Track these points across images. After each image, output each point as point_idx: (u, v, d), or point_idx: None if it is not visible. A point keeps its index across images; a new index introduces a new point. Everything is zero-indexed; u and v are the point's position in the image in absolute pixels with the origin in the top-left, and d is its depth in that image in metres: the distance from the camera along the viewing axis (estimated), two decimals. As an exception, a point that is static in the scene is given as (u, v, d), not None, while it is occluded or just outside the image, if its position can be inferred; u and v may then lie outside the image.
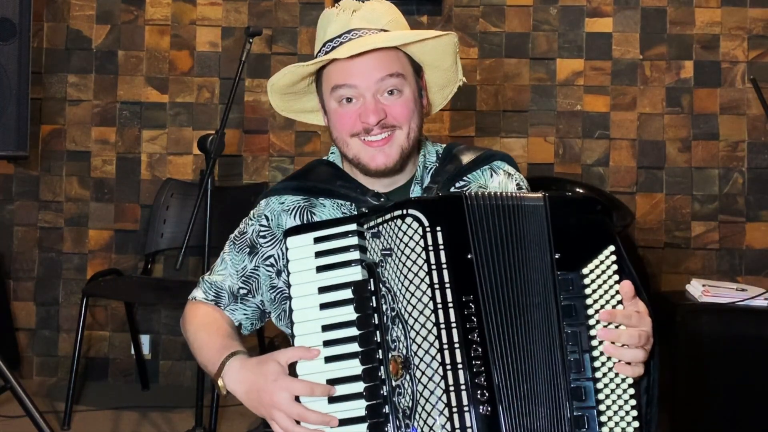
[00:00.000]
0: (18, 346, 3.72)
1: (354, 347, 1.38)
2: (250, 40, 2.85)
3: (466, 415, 1.28)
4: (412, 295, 1.33)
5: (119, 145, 3.75)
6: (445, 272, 1.33)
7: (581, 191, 3.60)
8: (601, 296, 1.35)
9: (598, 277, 1.36)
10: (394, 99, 1.55)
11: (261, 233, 1.65)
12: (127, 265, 3.73)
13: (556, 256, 1.36)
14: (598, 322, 1.34)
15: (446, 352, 1.30)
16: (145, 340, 3.72)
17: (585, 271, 1.36)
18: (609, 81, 3.69)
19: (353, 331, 1.39)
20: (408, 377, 1.32)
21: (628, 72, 3.69)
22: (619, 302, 1.36)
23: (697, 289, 3.09)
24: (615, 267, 1.37)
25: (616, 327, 1.34)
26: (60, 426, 3.18)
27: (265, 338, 3.51)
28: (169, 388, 3.69)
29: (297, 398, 1.39)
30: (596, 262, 1.36)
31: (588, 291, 1.35)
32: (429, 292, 1.32)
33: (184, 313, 1.68)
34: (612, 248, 1.37)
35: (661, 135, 3.69)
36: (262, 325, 1.70)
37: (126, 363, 3.75)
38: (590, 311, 1.34)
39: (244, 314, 1.67)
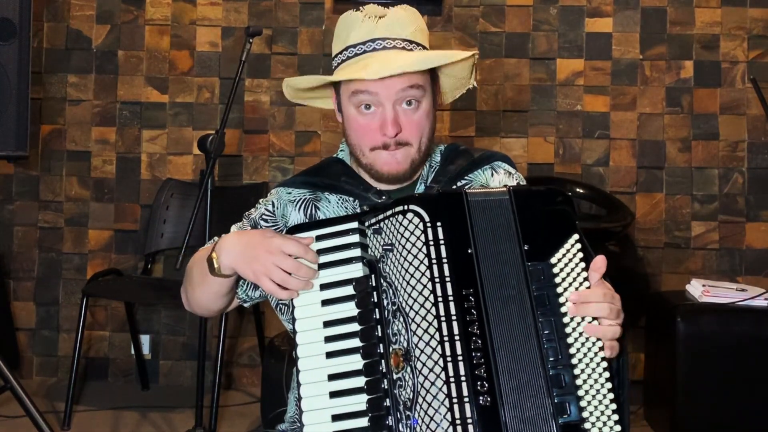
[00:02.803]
0: (18, 346, 3.72)
1: (355, 342, 1.40)
2: (250, 40, 2.85)
3: (466, 405, 1.29)
4: (413, 288, 1.36)
5: (119, 145, 3.75)
6: (446, 266, 1.36)
7: (581, 191, 3.60)
8: (570, 284, 1.38)
9: (566, 265, 1.39)
10: (412, 112, 1.56)
11: (264, 216, 1.68)
12: (127, 265, 3.73)
13: (525, 248, 1.39)
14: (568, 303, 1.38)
15: (446, 344, 1.32)
16: (145, 340, 3.72)
17: (553, 260, 1.39)
18: (609, 81, 3.70)
19: (354, 327, 1.41)
20: (409, 369, 1.34)
21: (628, 72, 3.70)
22: (588, 288, 1.39)
23: (697, 289, 3.09)
24: (581, 255, 1.40)
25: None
26: (60, 426, 3.18)
27: (265, 338, 3.51)
28: (169, 388, 3.69)
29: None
30: (563, 251, 1.39)
31: (558, 280, 1.38)
32: (429, 285, 1.35)
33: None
34: (576, 237, 1.41)
35: (661, 135, 3.69)
36: (259, 300, 1.71)
37: (126, 363, 3.75)
38: (561, 299, 1.37)
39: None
